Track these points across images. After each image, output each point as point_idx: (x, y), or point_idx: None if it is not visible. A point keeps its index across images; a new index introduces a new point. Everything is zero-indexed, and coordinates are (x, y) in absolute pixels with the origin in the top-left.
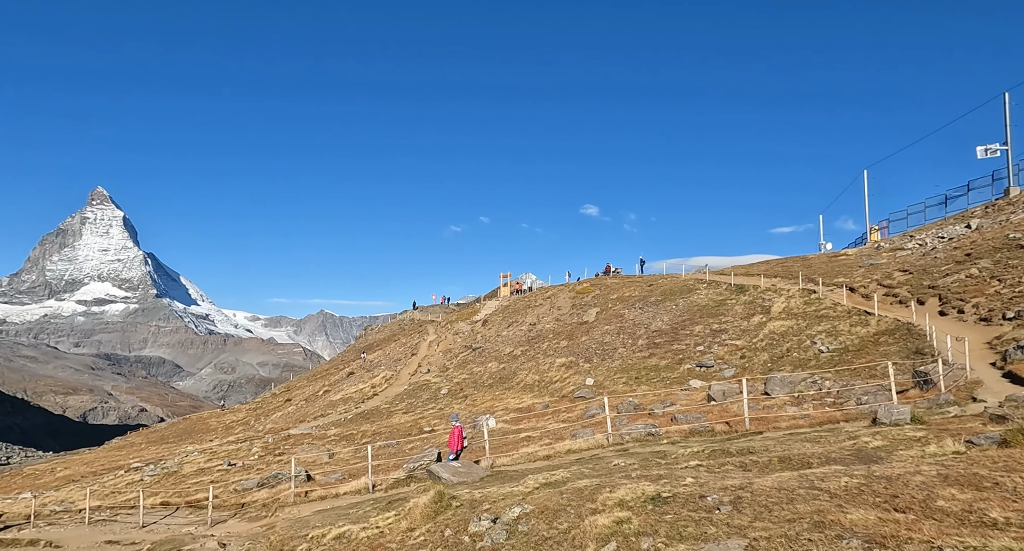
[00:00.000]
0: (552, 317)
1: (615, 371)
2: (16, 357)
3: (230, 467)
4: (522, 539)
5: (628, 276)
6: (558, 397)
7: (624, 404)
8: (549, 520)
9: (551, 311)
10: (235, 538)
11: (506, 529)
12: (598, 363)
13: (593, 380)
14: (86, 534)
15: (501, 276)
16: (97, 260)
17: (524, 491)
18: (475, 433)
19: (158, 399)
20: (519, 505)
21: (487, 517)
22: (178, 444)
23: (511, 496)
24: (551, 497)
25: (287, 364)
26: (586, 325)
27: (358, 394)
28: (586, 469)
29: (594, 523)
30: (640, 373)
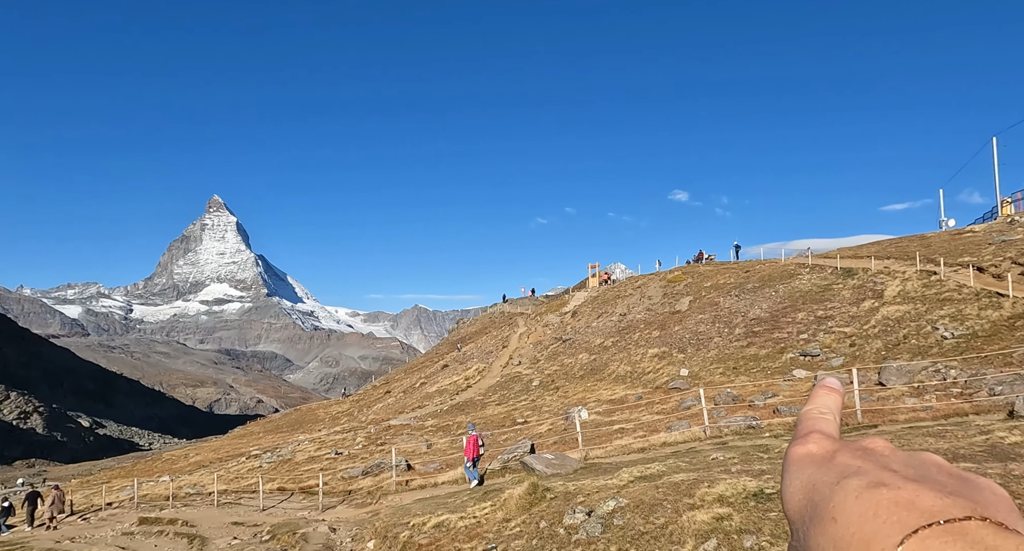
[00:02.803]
0: (643, 307)
1: (711, 361)
2: (152, 353)
3: (337, 456)
4: (618, 533)
5: (722, 263)
6: (651, 388)
7: (721, 395)
8: (645, 514)
9: (641, 301)
10: (344, 523)
11: (601, 522)
12: (692, 353)
13: (688, 371)
14: (215, 515)
15: (589, 267)
16: (216, 263)
17: (618, 484)
18: (568, 425)
19: (272, 391)
20: (614, 498)
21: (581, 510)
22: (291, 433)
23: (605, 489)
24: (647, 491)
25: (385, 357)
26: (679, 314)
27: (452, 386)
28: (682, 462)
29: (692, 519)
30: (738, 363)
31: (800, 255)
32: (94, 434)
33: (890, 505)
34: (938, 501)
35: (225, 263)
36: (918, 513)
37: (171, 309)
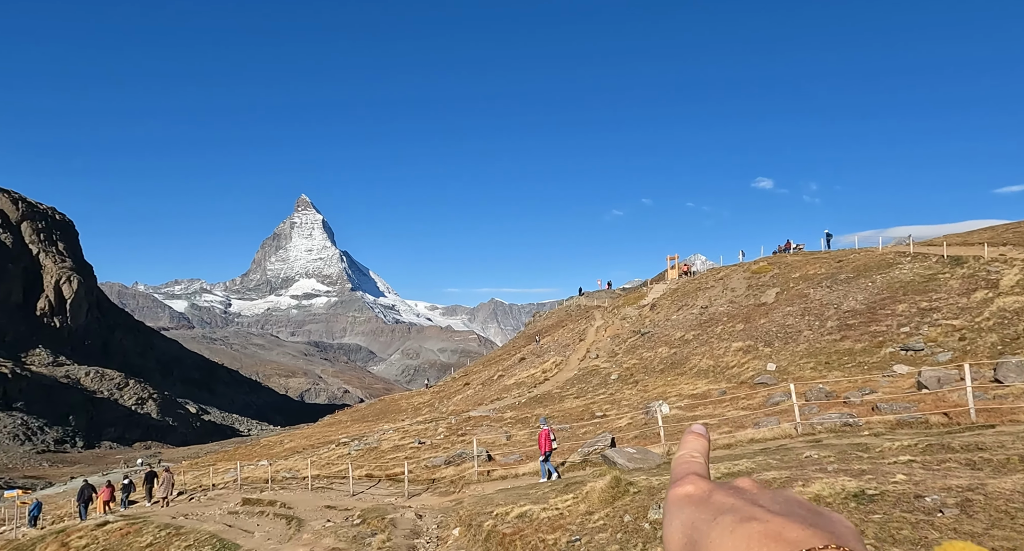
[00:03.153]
0: (725, 299)
1: (800, 355)
2: (249, 345)
3: (420, 445)
4: None
5: (812, 252)
6: (735, 383)
7: (813, 391)
8: None
9: (724, 293)
10: (429, 510)
11: None
12: (780, 347)
13: (775, 365)
14: (309, 498)
15: (668, 258)
16: (304, 259)
17: None
18: (648, 419)
19: (357, 382)
20: None
21: None
22: (376, 422)
23: None
24: None
25: (463, 350)
26: (764, 307)
27: (530, 379)
28: (773, 460)
29: None
30: (830, 357)
31: (900, 243)
32: (200, 420)
33: (760, 537)
34: (802, 532)
35: (312, 259)
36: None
37: (265, 303)
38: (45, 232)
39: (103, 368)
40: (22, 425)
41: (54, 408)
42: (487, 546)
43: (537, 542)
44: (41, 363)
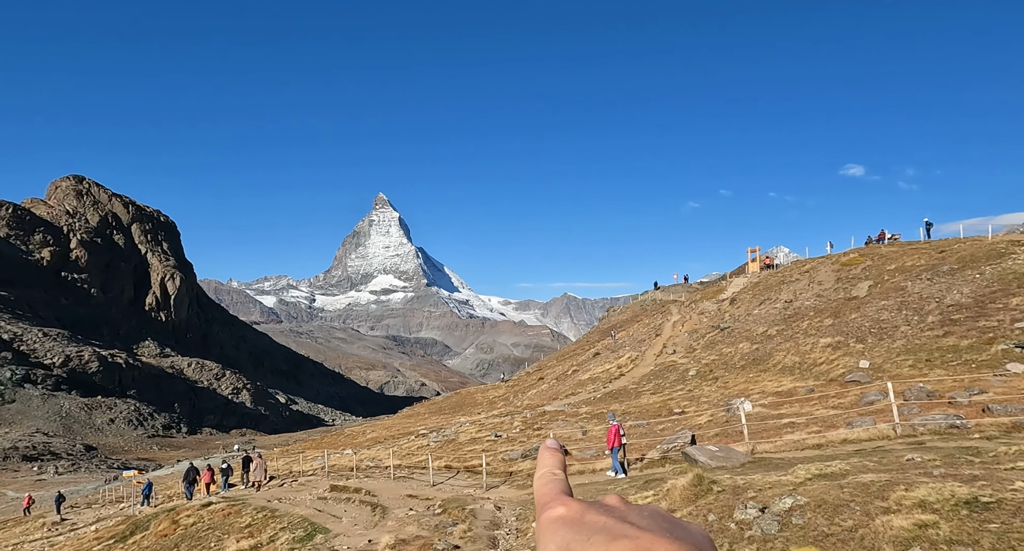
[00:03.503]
0: (812, 293)
1: (897, 352)
2: (332, 339)
3: (496, 438)
4: (797, 532)
5: (909, 242)
6: (824, 381)
7: (912, 390)
8: (829, 515)
9: (810, 286)
10: (507, 503)
11: (777, 520)
12: (874, 343)
13: (868, 362)
14: (392, 487)
15: (748, 251)
16: (382, 256)
17: (794, 481)
18: (730, 417)
19: (434, 375)
20: (790, 496)
21: (753, 505)
22: (452, 415)
23: (779, 485)
24: (828, 490)
25: (537, 345)
26: (856, 301)
27: (605, 374)
28: (869, 462)
29: (888, 524)
30: (931, 355)
31: (1012, 231)
32: (289, 409)
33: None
34: (670, 546)
35: (390, 256)
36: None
37: (346, 299)
38: (151, 233)
39: (203, 360)
40: (135, 411)
41: (162, 396)
42: None
43: None
44: (150, 354)
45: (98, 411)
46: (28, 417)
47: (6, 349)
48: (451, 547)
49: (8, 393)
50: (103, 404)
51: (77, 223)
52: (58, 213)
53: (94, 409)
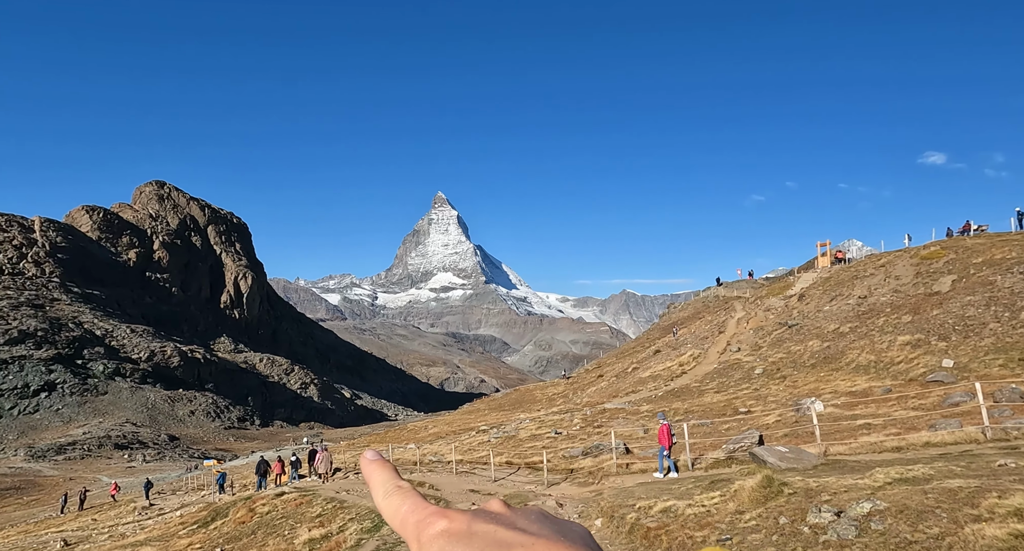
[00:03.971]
0: (888, 288)
1: (985, 351)
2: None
3: (556, 435)
4: (877, 539)
5: (998, 234)
6: (902, 381)
7: (1004, 391)
8: (912, 522)
9: (886, 281)
10: (569, 500)
11: (855, 525)
12: (958, 341)
13: (952, 362)
14: (454, 482)
15: (818, 245)
16: (441, 254)
17: (872, 485)
18: (800, 417)
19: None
20: (868, 500)
21: (828, 509)
22: (512, 412)
23: (855, 489)
24: (911, 495)
25: (595, 342)
26: (937, 296)
27: (666, 372)
28: (956, 467)
29: (979, 533)
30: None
31: None
32: (353, 404)
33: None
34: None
35: (449, 254)
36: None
37: (407, 296)
38: (225, 234)
39: (273, 355)
40: (212, 404)
41: (236, 390)
42: (631, 539)
43: (684, 538)
44: (225, 350)
45: (180, 403)
46: (119, 408)
47: (99, 344)
48: None
49: (101, 385)
50: (184, 397)
51: (159, 226)
52: (142, 216)
53: (176, 401)
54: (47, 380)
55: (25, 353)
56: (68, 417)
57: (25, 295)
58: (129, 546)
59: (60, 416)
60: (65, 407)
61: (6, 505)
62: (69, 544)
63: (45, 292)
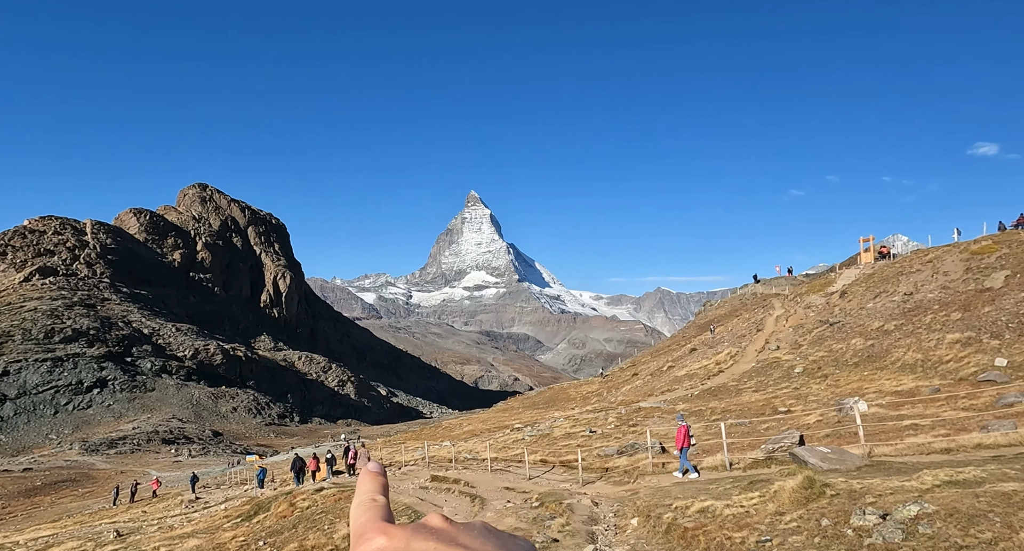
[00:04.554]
0: (936, 284)
1: None
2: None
3: (591, 434)
4: (926, 543)
5: None
6: (951, 380)
7: None
8: (963, 526)
9: (934, 277)
10: (604, 499)
11: (901, 528)
12: (1012, 339)
13: (1005, 360)
14: (489, 479)
15: (861, 240)
16: (474, 253)
17: (919, 487)
18: (842, 417)
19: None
20: (916, 503)
21: (873, 511)
22: (546, 410)
23: (902, 491)
24: (962, 498)
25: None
26: (989, 292)
27: (702, 370)
28: (1010, 470)
29: None
30: None
31: None
32: (389, 401)
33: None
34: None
35: (482, 252)
36: None
37: (441, 295)
38: (264, 235)
39: (311, 353)
40: (253, 400)
41: (276, 387)
42: (668, 539)
43: (722, 539)
44: (265, 348)
45: (222, 400)
46: (165, 404)
47: (147, 343)
48: (550, 541)
49: (149, 382)
50: (227, 393)
51: (202, 227)
52: (186, 218)
53: (219, 398)
54: (99, 377)
55: (79, 351)
56: (119, 412)
57: (78, 295)
58: (177, 538)
59: (111, 411)
60: (116, 403)
61: (63, 496)
62: (121, 535)
63: (96, 292)
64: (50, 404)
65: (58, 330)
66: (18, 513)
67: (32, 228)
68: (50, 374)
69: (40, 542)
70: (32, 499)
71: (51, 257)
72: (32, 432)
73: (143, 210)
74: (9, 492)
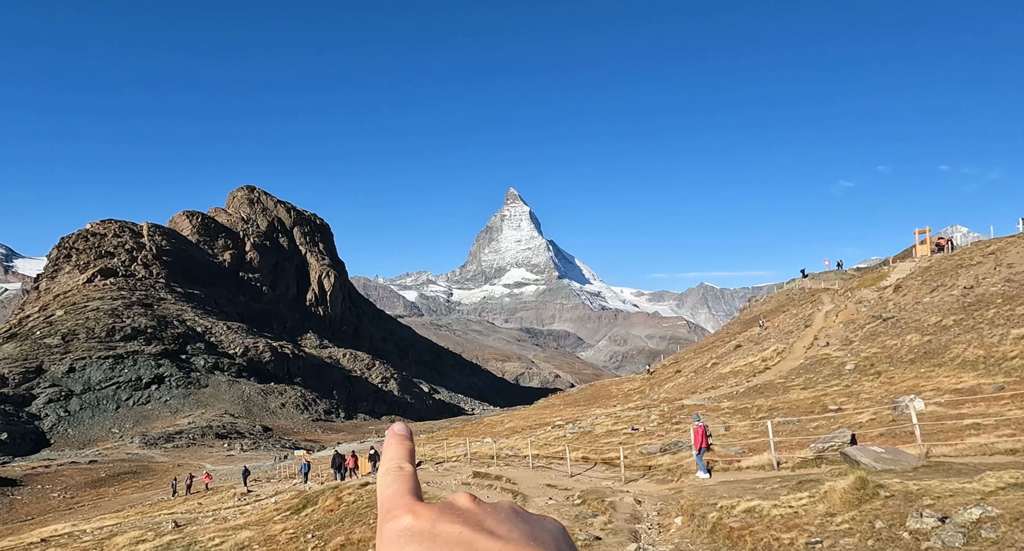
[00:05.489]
0: (999, 277)
1: None
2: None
3: (633, 432)
4: (988, 547)
5: None
6: (1017, 377)
7: None
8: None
9: (997, 270)
10: (647, 497)
11: (962, 532)
12: None
13: None
14: (531, 476)
15: (916, 232)
16: (514, 250)
17: (982, 489)
18: (897, 416)
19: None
20: (978, 506)
21: (931, 514)
22: (587, 407)
23: (963, 493)
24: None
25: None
26: None
27: (748, 367)
28: None
29: None
30: None
31: None
32: (432, 398)
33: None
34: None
35: (521, 249)
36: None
37: (481, 292)
38: (309, 235)
39: (355, 351)
40: (301, 397)
41: (322, 383)
42: (713, 538)
43: (770, 540)
44: (311, 346)
45: (272, 396)
46: (218, 400)
47: (200, 340)
48: (592, 538)
49: (203, 379)
50: (275, 390)
51: (250, 228)
52: (235, 220)
53: (268, 394)
54: (156, 374)
55: (137, 348)
56: (175, 408)
57: (136, 295)
58: (231, 529)
59: (168, 407)
60: (172, 398)
61: (125, 488)
62: (179, 525)
63: (153, 292)
64: (112, 399)
65: (118, 329)
66: (85, 503)
67: (94, 231)
68: (112, 371)
69: (105, 531)
70: (98, 490)
71: (111, 259)
72: (96, 426)
73: (195, 212)
74: (77, 482)
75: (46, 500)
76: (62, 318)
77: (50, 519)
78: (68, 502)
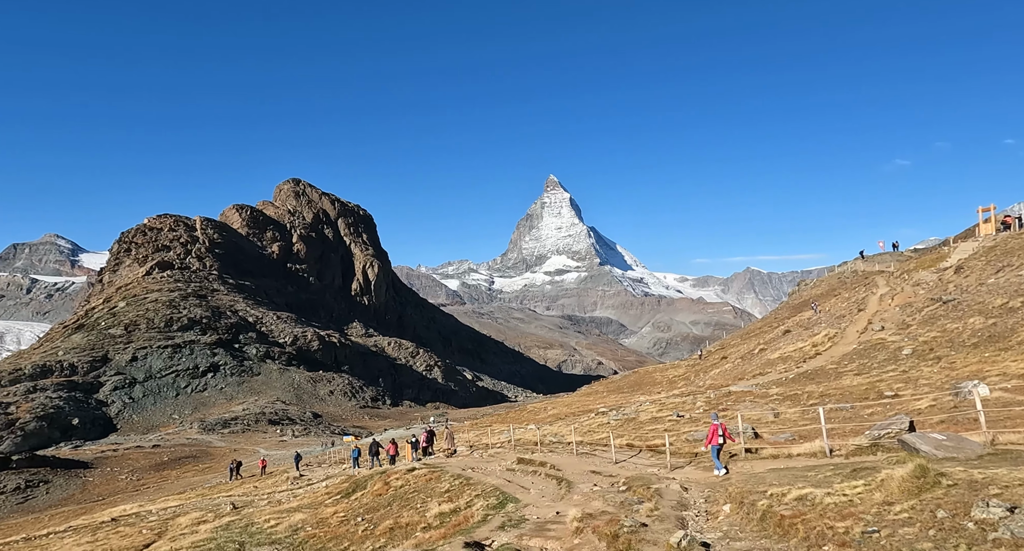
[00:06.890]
0: None
1: None
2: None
3: (679, 418)
4: None
5: None
6: None
7: None
8: None
9: None
10: (694, 484)
11: None
12: None
13: None
14: (575, 463)
15: (980, 210)
16: (554, 237)
17: None
18: (959, 402)
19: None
20: None
21: (998, 504)
22: (631, 394)
23: None
24: None
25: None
26: None
27: (798, 353)
28: None
29: None
30: None
31: None
32: (475, 385)
33: None
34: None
35: (562, 236)
36: None
37: (522, 280)
38: (353, 226)
39: (400, 339)
40: (348, 384)
41: (368, 371)
42: (763, 526)
43: (823, 528)
44: (357, 334)
45: (320, 383)
46: (270, 387)
47: (252, 330)
48: (638, 525)
49: (255, 367)
50: (324, 378)
51: (296, 220)
52: (282, 212)
53: (317, 382)
54: (212, 362)
55: (194, 338)
56: (230, 395)
57: (191, 287)
58: (285, 512)
59: (223, 394)
60: (227, 386)
61: (186, 471)
62: (236, 507)
63: (207, 284)
64: (172, 387)
65: (176, 319)
66: (150, 484)
67: (151, 225)
68: (171, 359)
69: (169, 511)
70: (161, 473)
71: (167, 252)
72: (158, 412)
73: (244, 206)
74: (142, 466)
75: (115, 482)
76: (124, 310)
77: (119, 499)
78: (135, 484)
